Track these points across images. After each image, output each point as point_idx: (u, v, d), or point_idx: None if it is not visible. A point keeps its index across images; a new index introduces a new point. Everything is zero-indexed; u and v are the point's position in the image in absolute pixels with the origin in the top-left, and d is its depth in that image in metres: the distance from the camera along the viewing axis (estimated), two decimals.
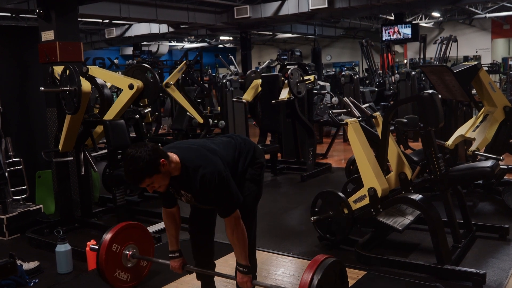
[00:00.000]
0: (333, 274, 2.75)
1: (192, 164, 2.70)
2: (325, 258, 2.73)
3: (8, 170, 5.19)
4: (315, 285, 2.57)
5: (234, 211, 2.78)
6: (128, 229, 3.58)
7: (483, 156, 4.85)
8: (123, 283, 3.54)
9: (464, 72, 5.02)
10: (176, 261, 3.14)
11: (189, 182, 2.71)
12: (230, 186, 2.75)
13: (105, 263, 3.40)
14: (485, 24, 21.12)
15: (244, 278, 2.87)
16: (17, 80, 5.86)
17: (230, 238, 2.83)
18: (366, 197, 4.06)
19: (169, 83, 7.35)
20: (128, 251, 3.53)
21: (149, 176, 2.59)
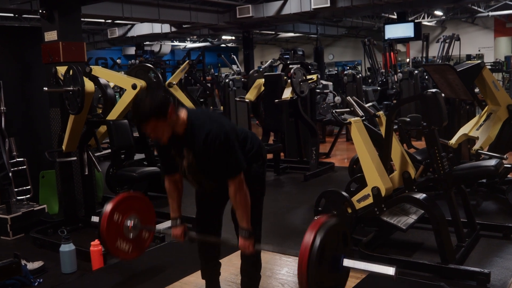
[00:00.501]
0: (336, 236, 2.68)
1: (198, 121, 2.70)
2: (328, 219, 2.66)
3: (12, 170, 5.21)
4: (318, 244, 2.50)
5: (238, 173, 2.75)
6: (130, 199, 3.52)
7: (486, 155, 4.84)
8: (124, 253, 3.45)
9: (467, 70, 5.01)
10: (177, 228, 3.07)
11: (193, 138, 2.69)
12: (235, 147, 2.74)
13: (106, 232, 3.31)
14: (488, 22, 21.08)
15: (246, 242, 2.83)
16: (20, 80, 5.87)
17: (233, 201, 2.81)
18: (370, 196, 4.06)
19: (172, 83, 7.38)
20: (130, 221, 3.46)
21: (156, 118, 2.59)
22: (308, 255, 2.49)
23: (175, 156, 2.85)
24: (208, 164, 2.77)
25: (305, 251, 2.51)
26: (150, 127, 2.62)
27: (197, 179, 2.91)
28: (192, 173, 2.87)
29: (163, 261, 4.15)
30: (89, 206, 5.28)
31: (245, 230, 2.82)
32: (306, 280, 2.48)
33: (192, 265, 3.72)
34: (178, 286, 3.66)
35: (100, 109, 5.62)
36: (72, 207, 5.20)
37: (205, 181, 2.92)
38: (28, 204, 5.29)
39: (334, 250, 2.64)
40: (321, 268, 2.53)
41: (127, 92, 5.21)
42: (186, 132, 2.71)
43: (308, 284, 2.48)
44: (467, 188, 4.79)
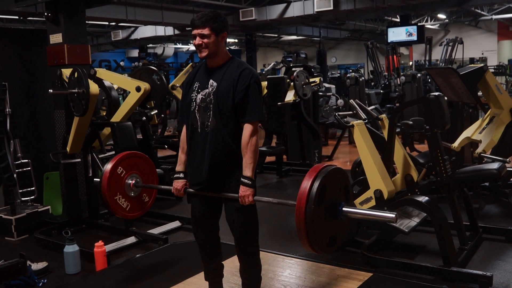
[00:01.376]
0: (337, 182, 2.68)
1: (240, 61, 2.97)
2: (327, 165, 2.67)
3: (17, 171, 5.24)
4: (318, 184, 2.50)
5: (257, 119, 2.87)
6: (133, 157, 3.54)
7: (489, 158, 4.85)
8: (122, 210, 3.46)
9: (470, 74, 5.03)
10: (179, 181, 3.11)
11: (230, 69, 2.88)
12: (261, 96, 2.92)
13: (107, 183, 3.34)
14: (491, 25, 21.07)
15: (247, 191, 2.83)
16: (25, 82, 5.90)
17: (244, 145, 2.84)
18: (372, 199, 4.07)
19: (175, 85, 7.39)
20: (132, 180, 3.49)
21: (211, 27, 2.84)
22: (308, 194, 2.49)
23: (196, 90, 2.95)
24: (227, 98, 2.86)
25: (304, 191, 2.52)
26: (204, 32, 2.83)
27: (203, 117, 2.92)
28: (202, 109, 2.92)
29: (166, 262, 4.17)
30: (93, 207, 5.31)
31: (248, 178, 2.84)
32: (304, 218, 2.47)
33: (195, 267, 3.74)
34: (181, 287, 3.68)
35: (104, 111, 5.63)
36: (76, 208, 5.23)
37: (210, 121, 2.91)
38: (33, 205, 5.32)
39: (334, 195, 2.64)
40: (320, 210, 2.51)
41: (131, 95, 5.24)
42: (225, 63, 2.91)
43: (305, 223, 2.47)
44: (469, 191, 4.81)
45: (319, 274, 3.79)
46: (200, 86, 2.95)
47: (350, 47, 25.97)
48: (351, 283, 3.59)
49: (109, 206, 3.42)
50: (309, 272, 3.86)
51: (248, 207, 2.92)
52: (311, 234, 2.50)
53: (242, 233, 3.01)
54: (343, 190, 2.74)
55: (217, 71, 2.91)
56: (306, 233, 2.50)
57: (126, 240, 4.70)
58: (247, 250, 3.07)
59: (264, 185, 7.12)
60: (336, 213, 2.63)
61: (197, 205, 3.11)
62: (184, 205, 5.95)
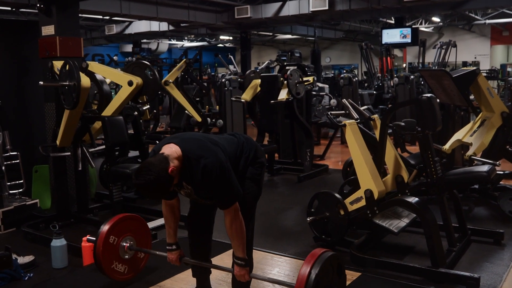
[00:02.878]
0: (330, 269, 2.76)
1: (194, 154, 2.71)
2: (323, 252, 2.75)
3: (5, 164, 5.18)
4: (313, 280, 2.59)
5: (234, 203, 2.80)
6: (126, 220, 3.58)
7: (479, 161, 4.87)
8: (120, 274, 3.54)
9: (462, 77, 5.04)
10: (173, 253, 3.15)
11: (191, 173, 2.73)
12: (231, 178, 2.78)
13: (102, 254, 3.39)
14: (485, 30, 21.18)
15: (241, 271, 2.88)
16: (16, 74, 5.85)
17: (229, 231, 2.84)
18: (363, 199, 4.07)
19: (168, 81, 7.35)
20: (126, 243, 3.53)
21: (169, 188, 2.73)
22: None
23: (174, 186, 2.85)
24: (207, 194, 2.87)
25: (300, 284, 2.61)
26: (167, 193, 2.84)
27: (196, 201, 3.04)
28: (192, 198, 3.01)
29: (154, 258, 4.13)
30: (82, 201, 5.27)
31: (241, 259, 2.87)
32: None
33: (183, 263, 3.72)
34: (169, 283, 3.66)
35: (95, 105, 5.60)
36: (65, 202, 5.19)
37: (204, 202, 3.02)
38: (21, 198, 5.27)
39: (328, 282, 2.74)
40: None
41: (123, 89, 5.20)
42: (183, 167, 2.72)
43: None
44: (459, 193, 4.82)
45: None
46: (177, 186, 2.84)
47: (345, 48, 26.02)
48: None
49: (107, 275, 3.49)
50: (298, 271, 3.83)
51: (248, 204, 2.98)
52: None
53: None
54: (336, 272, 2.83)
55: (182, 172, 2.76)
56: None
57: None
58: None
59: None
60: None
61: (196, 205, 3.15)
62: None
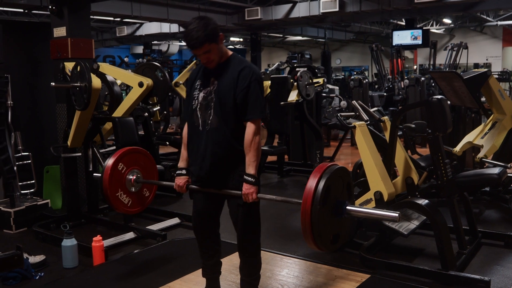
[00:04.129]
0: (340, 181, 2.70)
1: (240, 58, 2.94)
2: (332, 164, 2.70)
3: (17, 164, 5.23)
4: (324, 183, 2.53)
5: (259, 117, 2.86)
6: (134, 153, 3.55)
7: (490, 163, 4.84)
8: (123, 205, 3.48)
9: (473, 79, 5.01)
10: (181, 178, 3.10)
11: (230, 67, 2.86)
12: (263, 93, 2.89)
13: (109, 179, 3.35)
14: (497, 31, 21.04)
15: (250, 188, 2.83)
16: (28, 75, 5.91)
17: (247, 143, 2.84)
18: (372, 201, 4.06)
19: (179, 83, 7.39)
20: (132, 176, 3.50)
21: (209, 41, 2.79)
22: (313, 194, 2.53)
23: (198, 88, 2.94)
24: (228, 97, 2.86)
25: (310, 191, 2.55)
26: (204, 49, 2.81)
27: (204, 115, 2.93)
28: (203, 108, 2.92)
29: (164, 259, 4.16)
30: (92, 202, 5.30)
31: (252, 175, 2.84)
32: (309, 218, 2.51)
33: (193, 263, 3.74)
34: (179, 283, 3.67)
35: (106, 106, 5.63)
36: (75, 202, 5.23)
37: (211, 119, 2.91)
38: (32, 199, 5.32)
39: (338, 194, 2.67)
40: (324, 209, 2.55)
41: (134, 90, 5.23)
42: (226, 61, 2.89)
43: (311, 223, 2.51)
44: (470, 196, 4.79)
45: (317, 275, 3.78)
46: (202, 84, 2.95)
47: (355, 49, 25.97)
48: (349, 284, 3.58)
49: (110, 202, 3.43)
50: (307, 272, 3.85)
51: (251, 204, 2.93)
52: (316, 233, 2.56)
53: (245, 230, 3.01)
54: (346, 188, 2.76)
55: (219, 69, 2.91)
56: (311, 232, 2.56)
57: (125, 235, 4.69)
58: (248, 247, 3.07)
59: (265, 185, 7.11)
60: (340, 211, 2.66)
61: (199, 200, 3.11)
62: (184, 202, 5.97)
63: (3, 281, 3.75)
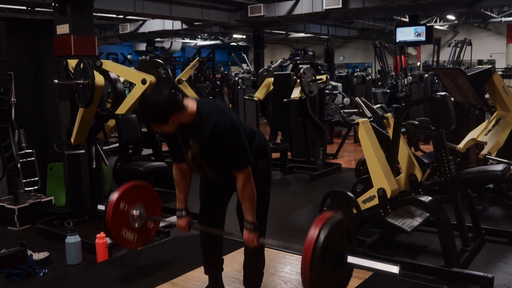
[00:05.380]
0: (340, 232, 2.66)
1: (207, 112, 2.69)
2: (332, 215, 2.64)
3: (21, 161, 5.25)
4: (322, 241, 2.49)
5: (246, 166, 2.76)
6: (136, 188, 3.53)
7: (494, 160, 4.82)
8: (129, 243, 3.47)
9: (477, 75, 4.99)
10: (182, 219, 3.08)
11: (201, 129, 2.69)
12: (242, 139, 2.73)
13: (112, 221, 3.33)
14: (501, 28, 20.94)
15: (250, 235, 2.82)
16: (31, 72, 5.92)
17: (240, 193, 2.81)
18: (375, 198, 4.06)
19: (182, 80, 7.40)
20: (136, 211, 3.48)
21: (157, 123, 2.64)
22: (312, 251, 2.47)
23: (182, 146, 2.85)
24: (214, 156, 2.77)
25: (309, 247, 2.49)
26: (152, 126, 2.72)
27: (201, 170, 2.91)
28: (197, 164, 2.88)
29: (167, 256, 4.17)
30: (96, 199, 5.32)
31: (251, 223, 2.82)
32: (309, 276, 2.46)
33: (196, 261, 3.74)
34: (182, 280, 3.68)
35: (109, 103, 5.64)
36: (79, 199, 5.24)
37: (209, 172, 2.91)
38: (36, 196, 5.34)
39: (338, 246, 2.63)
40: (324, 265, 2.51)
41: (137, 87, 5.24)
42: (194, 123, 2.70)
43: (311, 280, 2.47)
44: (474, 193, 4.78)
45: None
46: (184, 144, 2.85)
47: (358, 46, 25.89)
48: (352, 281, 3.55)
49: (116, 242, 3.45)
50: None
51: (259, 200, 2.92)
52: None
53: None
54: (346, 233, 2.73)
55: (192, 130, 2.74)
56: None
57: None
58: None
59: None
60: (341, 265, 2.63)
61: (207, 199, 3.13)
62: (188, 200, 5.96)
63: (7, 277, 3.77)
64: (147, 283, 3.64)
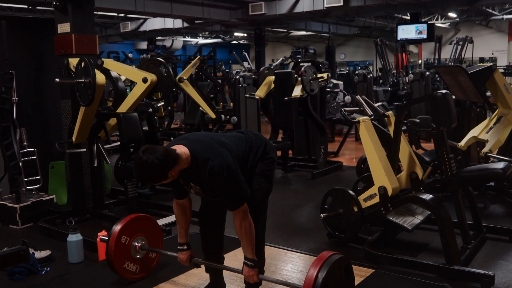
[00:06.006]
0: (338, 271, 2.76)
1: (201, 156, 2.74)
2: (331, 255, 2.75)
3: (22, 160, 5.26)
4: (320, 283, 2.59)
5: (242, 205, 2.81)
6: (138, 221, 3.63)
7: (495, 158, 4.81)
8: (132, 274, 3.59)
9: (478, 73, 4.98)
10: (184, 253, 3.19)
11: (198, 174, 2.77)
12: (238, 180, 2.79)
13: (114, 254, 3.45)
14: (502, 25, 20.91)
15: (250, 272, 2.90)
16: (32, 71, 5.93)
17: (238, 231, 2.86)
18: (376, 196, 4.06)
19: (183, 78, 7.39)
20: (137, 243, 3.58)
21: (157, 182, 2.78)
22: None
23: (183, 185, 2.95)
24: (215, 193, 2.88)
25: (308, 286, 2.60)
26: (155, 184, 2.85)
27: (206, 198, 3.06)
28: (201, 196, 3.03)
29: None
30: (98, 197, 5.33)
31: (250, 260, 2.89)
32: None
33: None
34: (183, 278, 3.69)
35: (110, 102, 5.64)
36: (81, 198, 5.25)
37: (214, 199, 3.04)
38: (37, 194, 5.34)
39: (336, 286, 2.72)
40: None
41: (138, 86, 5.23)
42: (191, 168, 2.77)
43: None
44: (475, 191, 4.78)
45: None
46: (186, 184, 2.94)
47: (359, 44, 25.87)
48: None
49: (119, 274, 3.53)
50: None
51: (258, 199, 2.98)
52: None
53: None
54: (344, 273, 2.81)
55: (189, 172, 2.81)
56: None
57: None
58: None
59: None
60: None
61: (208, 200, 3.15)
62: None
63: (9, 276, 3.78)
64: (149, 282, 3.65)
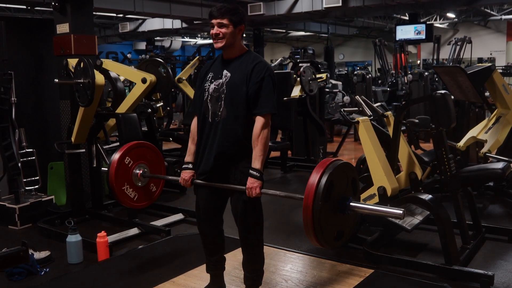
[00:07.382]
0: (344, 176, 2.66)
1: (255, 54, 2.97)
2: (336, 159, 2.66)
3: (21, 160, 5.25)
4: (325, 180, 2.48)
5: (270, 112, 2.86)
6: (141, 147, 3.55)
7: (494, 158, 4.83)
8: (130, 200, 3.47)
9: (477, 73, 5.00)
10: (187, 172, 3.10)
11: (246, 62, 2.89)
12: (275, 88, 2.90)
13: (115, 173, 3.35)
14: (501, 26, 20.94)
15: (254, 182, 2.81)
16: (31, 72, 5.92)
17: (255, 137, 2.83)
18: (376, 196, 4.06)
19: (182, 78, 7.40)
20: (139, 170, 3.49)
21: (230, 17, 2.87)
22: (315, 190, 2.48)
23: (208, 81, 2.97)
24: (240, 91, 2.86)
25: (312, 186, 2.51)
26: (221, 23, 2.86)
27: (215, 107, 2.93)
28: (214, 100, 2.93)
29: (168, 254, 4.18)
30: (97, 198, 5.33)
31: (257, 170, 2.82)
32: (311, 215, 2.47)
33: (197, 259, 3.75)
34: (183, 279, 3.69)
35: (109, 103, 5.64)
36: (80, 198, 5.25)
37: (221, 111, 2.91)
38: (36, 195, 5.34)
39: (342, 190, 2.63)
40: (327, 206, 2.51)
41: (137, 86, 5.23)
42: (241, 55, 2.93)
43: (313, 219, 2.47)
44: (474, 191, 4.78)
45: (321, 269, 3.79)
46: (214, 76, 2.97)
47: (358, 44, 25.89)
48: (352, 279, 3.59)
49: (116, 196, 3.42)
50: (311, 267, 3.85)
51: (254, 200, 2.92)
52: (318, 230, 2.51)
53: (246, 225, 3.01)
54: (351, 184, 2.73)
55: (233, 62, 2.94)
56: (313, 229, 2.51)
57: (129, 231, 4.71)
58: (251, 243, 3.07)
59: (268, 180, 7.11)
60: (343, 208, 2.62)
61: (203, 196, 3.11)
62: (188, 198, 5.98)
63: (8, 276, 3.78)
64: (148, 282, 3.64)
